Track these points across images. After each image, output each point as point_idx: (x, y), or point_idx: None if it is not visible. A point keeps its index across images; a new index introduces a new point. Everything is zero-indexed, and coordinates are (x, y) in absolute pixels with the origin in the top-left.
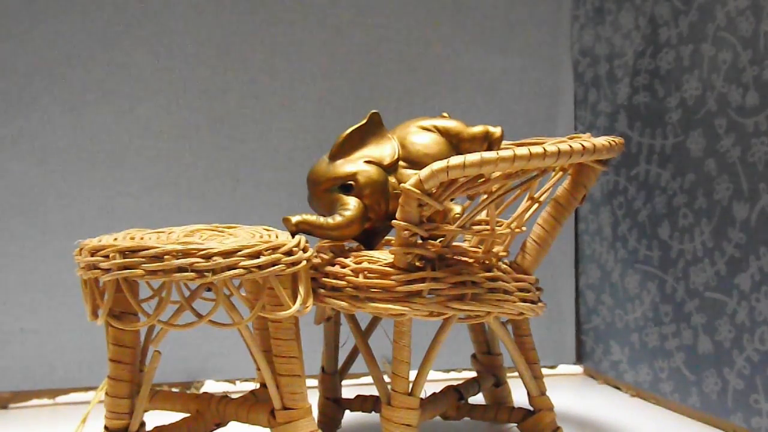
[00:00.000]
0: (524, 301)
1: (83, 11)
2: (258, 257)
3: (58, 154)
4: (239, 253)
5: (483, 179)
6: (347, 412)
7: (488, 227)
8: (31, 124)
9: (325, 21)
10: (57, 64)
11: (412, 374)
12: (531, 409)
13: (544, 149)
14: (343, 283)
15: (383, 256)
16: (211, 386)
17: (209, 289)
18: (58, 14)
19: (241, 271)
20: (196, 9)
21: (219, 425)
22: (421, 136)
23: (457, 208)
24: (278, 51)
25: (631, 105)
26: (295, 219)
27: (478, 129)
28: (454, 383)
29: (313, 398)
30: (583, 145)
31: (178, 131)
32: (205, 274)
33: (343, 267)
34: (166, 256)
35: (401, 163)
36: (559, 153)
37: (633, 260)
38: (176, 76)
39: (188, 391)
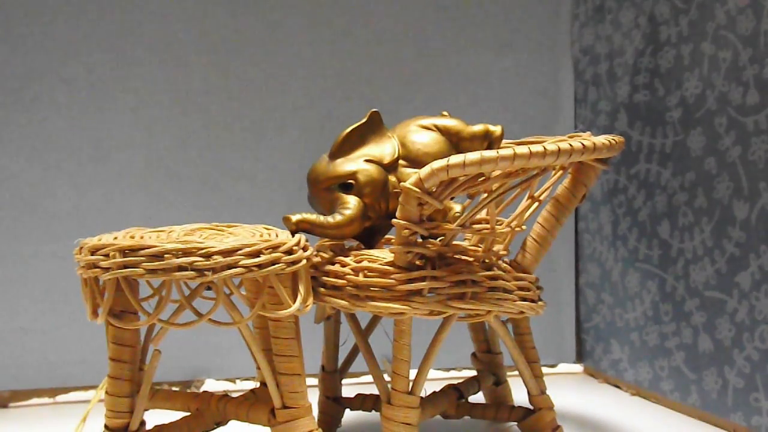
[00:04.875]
0: (524, 299)
1: (83, 11)
2: (258, 256)
3: (58, 154)
4: (239, 252)
5: (483, 178)
6: (347, 411)
7: (488, 226)
8: (31, 124)
9: (325, 21)
10: (57, 64)
11: (413, 373)
12: (531, 407)
13: (544, 148)
14: (343, 281)
15: (383, 254)
16: (211, 385)
17: (209, 288)
18: (58, 14)
19: (241, 269)
20: (197, 9)
21: (219, 424)
22: (421, 135)
23: (457, 207)
24: (278, 51)
25: (631, 103)
26: (295, 218)
27: (478, 128)
28: (454, 382)
29: (313, 397)
30: (583, 144)
31: (178, 131)
32: (205, 272)
33: (344, 266)
34: (166, 255)
35: (401, 161)
36: (559, 152)
37: (633, 259)
38: (176, 76)
39: (188, 390)
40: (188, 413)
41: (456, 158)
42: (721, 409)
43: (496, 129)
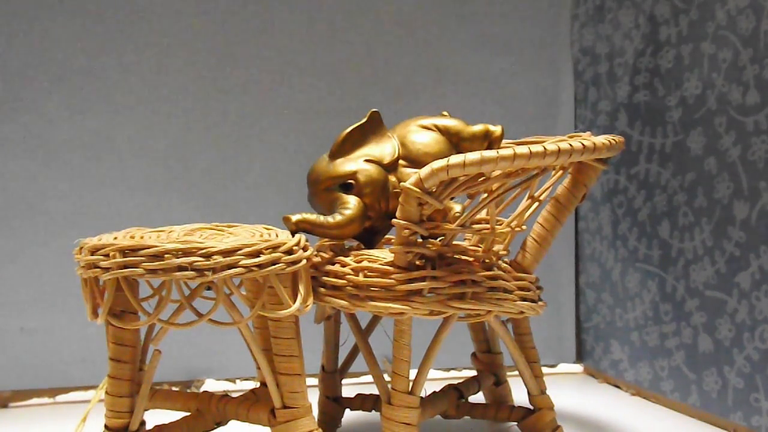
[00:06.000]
0: (524, 299)
1: (84, 11)
2: (258, 256)
3: (58, 153)
4: (239, 252)
5: (483, 178)
6: (347, 411)
7: (488, 226)
8: (31, 124)
9: (325, 21)
10: (57, 64)
11: (413, 373)
12: (531, 407)
13: (545, 148)
14: (344, 281)
15: (383, 254)
16: (211, 385)
17: (209, 288)
18: (59, 14)
19: (241, 269)
20: (197, 10)
21: (219, 424)
22: (421, 135)
23: (457, 207)
24: (278, 50)
25: (631, 104)
26: (295, 218)
27: (478, 128)
28: (455, 382)
29: (313, 397)
30: (583, 144)
31: (178, 130)
32: (206, 272)
33: (344, 266)
34: (166, 255)
35: (401, 161)
36: (559, 152)
37: (633, 259)
38: (176, 75)
39: (188, 390)
40: (188, 413)
41: (456, 158)
42: (721, 409)
43: (496, 129)
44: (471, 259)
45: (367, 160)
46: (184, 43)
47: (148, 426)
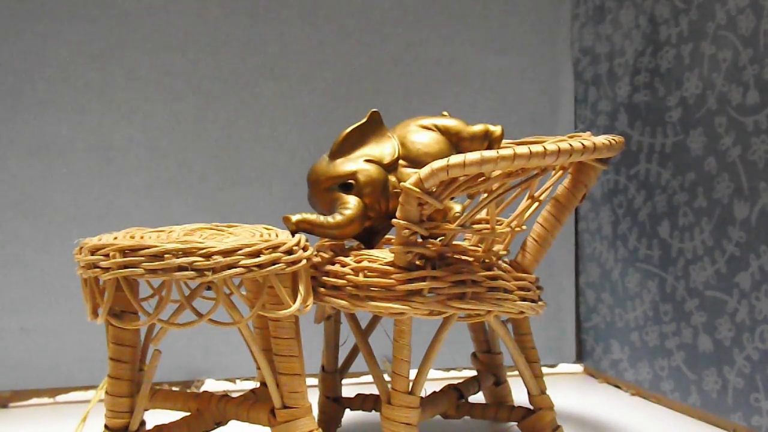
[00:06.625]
0: (524, 299)
1: (84, 12)
2: (258, 256)
3: (58, 153)
4: (239, 251)
5: (483, 178)
6: (347, 411)
7: (488, 226)
8: (31, 124)
9: (325, 21)
10: (57, 65)
11: (413, 373)
12: (531, 407)
13: (544, 148)
14: (344, 281)
15: (383, 254)
16: (211, 385)
17: (209, 288)
18: (59, 15)
19: (241, 269)
20: (197, 10)
21: (219, 424)
22: (421, 135)
23: (457, 207)
24: (278, 50)
25: (631, 104)
26: (295, 218)
27: (478, 128)
28: (455, 382)
29: (314, 397)
30: (583, 144)
31: (179, 131)
32: (205, 272)
33: (344, 266)
34: (166, 255)
35: (401, 161)
36: (559, 152)
37: (633, 259)
38: (176, 76)
39: (188, 390)
40: (188, 413)
41: (456, 158)
42: (721, 409)
43: (496, 129)
44: (471, 259)
45: (367, 160)
46: (186, 45)
47: (148, 426)
